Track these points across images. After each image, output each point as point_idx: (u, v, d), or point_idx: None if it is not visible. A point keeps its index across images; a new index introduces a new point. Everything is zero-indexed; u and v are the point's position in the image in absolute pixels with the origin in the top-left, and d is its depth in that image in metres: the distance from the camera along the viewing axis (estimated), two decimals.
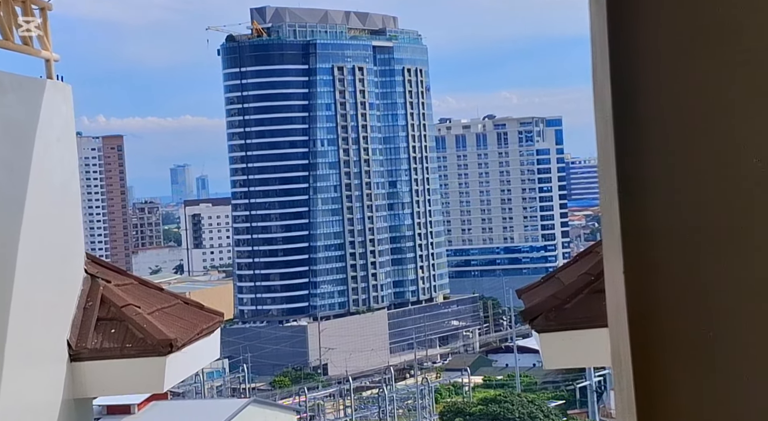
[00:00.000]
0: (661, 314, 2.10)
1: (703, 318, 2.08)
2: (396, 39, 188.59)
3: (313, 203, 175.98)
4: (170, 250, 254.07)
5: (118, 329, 8.10)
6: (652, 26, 2.13)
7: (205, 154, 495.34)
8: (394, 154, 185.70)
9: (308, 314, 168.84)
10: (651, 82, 2.12)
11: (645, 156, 2.13)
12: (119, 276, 9.00)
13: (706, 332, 2.08)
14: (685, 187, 2.10)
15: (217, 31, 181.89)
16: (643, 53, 2.13)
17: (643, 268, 2.11)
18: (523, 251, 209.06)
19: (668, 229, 2.11)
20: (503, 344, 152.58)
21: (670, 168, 2.11)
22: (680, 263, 2.09)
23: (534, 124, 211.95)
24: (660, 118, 2.12)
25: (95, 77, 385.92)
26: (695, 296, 2.08)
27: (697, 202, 2.09)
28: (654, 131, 2.13)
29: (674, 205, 2.11)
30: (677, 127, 2.11)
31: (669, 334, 2.10)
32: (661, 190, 2.11)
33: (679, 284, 2.09)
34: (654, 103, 2.12)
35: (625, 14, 2.14)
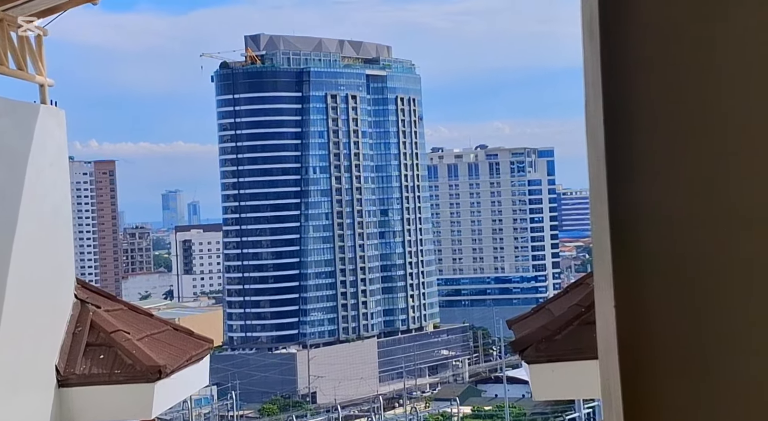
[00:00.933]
0: (651, 347, 2.10)
1: (693, 352, 2.08)
2: (389, 68, 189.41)
3: (305, 230, 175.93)
4: (160, 275, 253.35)
5: (107, 355, 8.08)
6: (645, 61, 2.14)
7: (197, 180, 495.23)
8: (386, 183, 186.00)
9: (298, 342, 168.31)
10: (643, 116, 2.13)
11: (637, 190, 2.13)
12: (109, 301, 8.99)
13: (696, 365, 2.08)
14: (677, 222, 2.10)
15: (211, 57, 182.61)
16: (635, 88, 2.14)
17: (634, 301, 2.11)
18: (513, 281, 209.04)
19: (660, 263, 2.10)
20: (493, 374, 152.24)
21: (661, 202, 2.11)
22: (671, 296, 2.10)
23: (526, 154, 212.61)
24: (652, 153, 2.12)
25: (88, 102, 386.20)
26: (686, 330, 2.09)
27: (688, 237, 2.09)
28: (646, 165, 2.13)
29: (666, 239, 2.10)
30: (669, 162, 2.11)
31: (659, 367, 2.10)
32: (652, 224, 2.12)
33: (670, 318, 2.10)
34: (646, 138, 2.13)
35: (618, 49, 2.15)
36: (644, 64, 2.13)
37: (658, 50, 2.13)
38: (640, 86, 2.14)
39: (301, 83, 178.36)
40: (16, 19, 8.48)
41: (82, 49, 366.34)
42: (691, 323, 2.08)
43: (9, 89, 8.41)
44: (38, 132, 8.22)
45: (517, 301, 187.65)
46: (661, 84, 2.12)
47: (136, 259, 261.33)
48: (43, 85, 8.80)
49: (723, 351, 2.06)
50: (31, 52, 8.72)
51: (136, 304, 10.21)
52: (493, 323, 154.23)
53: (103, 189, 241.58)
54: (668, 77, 2.12)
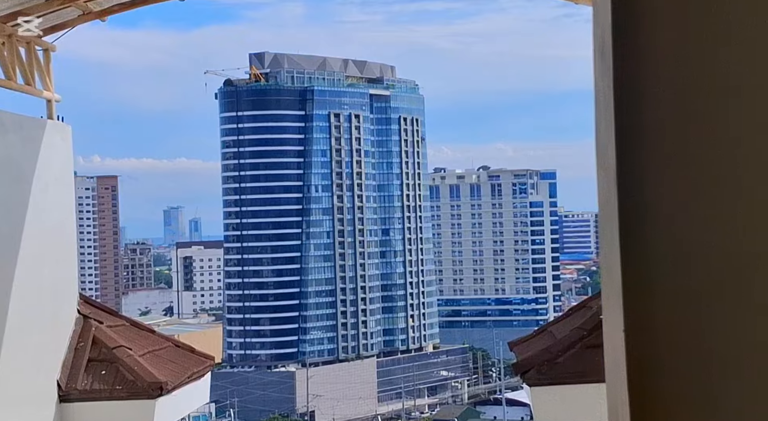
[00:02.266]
0: (661, 372, 2.09)
1: (704, 378, 2.06)
2: (393, 88, 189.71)
3: (306, 249, 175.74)
4: (161, 291, 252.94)
5: (109, 371, 8.07)
6: (658, 82, 2.14)
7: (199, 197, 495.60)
8: (387, 202, 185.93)
9: (297, 360, 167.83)
10: (656, 137, 2.13)
11: (649, 211, 2.12)
12: (111, 317, 8.98)
13: (707, 391, 2.06)
14: (689, 246, 2.09)
15: (216, 75, 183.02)
16: (648, 108, 2.15)
17: (644, 325, 2.10)
18: (514, 303, 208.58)
19: (671, 287, 2.10)
20: (492, 396, 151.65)
21: (674, 226, 2.11)
22: (682, 321, 2.09)
23: (528, 176, 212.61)
24: (665, 174, 2.12)
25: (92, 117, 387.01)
26: (697, 355, 2.07)
27: (700, 261, 2.08)
28: (657, 189, 2.13)
29: (677, 263, 2.10)
30: (681, 185, 2.11)
31: (669, 393, 2.08)
32: (664, 247, 2.11)
33: (681, 343, 2.08)
34: (658, 161, 2.13)
35: (630, 73, 2.16)
36: (657, 86, 2.14)
37: (669, 72, 2.13)
38: (652, 108, 2.14)
39: (304, 102, 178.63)
40: (25, 36, 8.52)
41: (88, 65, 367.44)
42: (702, 349, 2.07)
43: (17, 104, 8.45)
44: (45, 147, 8.25)
45: (518, 323, 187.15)
46: (673, 106, 2.13)
47: (137, 275, 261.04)
48: (50, 101, 8.83)
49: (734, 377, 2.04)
50: (39, 68, 8.77)
51: (138, 320, 10.21)
52: (493, 344, 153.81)
53: (105, 204, 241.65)
54: (679, 99, 2.13)
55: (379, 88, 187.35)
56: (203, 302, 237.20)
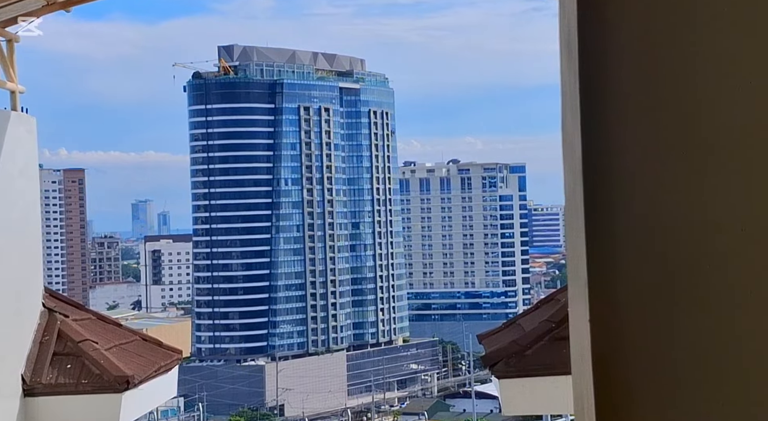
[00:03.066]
0: (625, 361, 2.11)
1: (667, 367, 2.09)
2: (363, 81, 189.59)
3: (275, 242, 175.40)
4: (129, 285, 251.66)
5: (75, 365, 8.00)
6: (624, 78, 2.17)
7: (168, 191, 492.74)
8: (357, 196, 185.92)
9: (266, 354, 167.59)
10: (621, 132, 2.16)
11: (614, 206, 2.15)
12: (77, 311, 8.90)
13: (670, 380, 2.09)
14: (654, 236, 2.12)
15: (184, 67, 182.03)
16: (613, 104, 2.18)
17: (609, 317, 2.12)
18: (483, 296, 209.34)
19: (635, 278, 2.12)
20: (461, 388, 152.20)
21: (638, 219, 2.14)
22: (647, 312, 2.11)
23: (498, 170, 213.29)
24: (630, 169, 2.15)
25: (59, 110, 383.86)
26: (660, 344, 2.10)
27: (665, 253, 2.11)
28: (624, 181, 2.15)
29: (642, 254, 2.12)
30: (647, 177, 2.13)
31: (633, 382, 2.11)
32: (629, 240, 2.13)
33: (645, 333, 2.10)
34: (624, 154, 2.15)
35: (596, 65, 2.19)
36: (622, 82, 2.17)
37: (635, 67, 2.16)
38: (618, 104, 2.17)
39: (274, 95, 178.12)
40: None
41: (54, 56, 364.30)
42: (665, 338, 2.10)
43: None
44: (8, 139, 8.15)
45: (487, 316, 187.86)
46: (640, 102, 2.16)
47: (105, 268, 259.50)
48: (14, 92, 8.73)
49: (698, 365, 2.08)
50: (2, 59, 8.66)
51: (104, 313, 10.12)
52: (462, 337, 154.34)
53: (72, 198, 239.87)
54: (645, 93, 2.15)
55: (349, 82, 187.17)
56: (172, 295, 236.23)
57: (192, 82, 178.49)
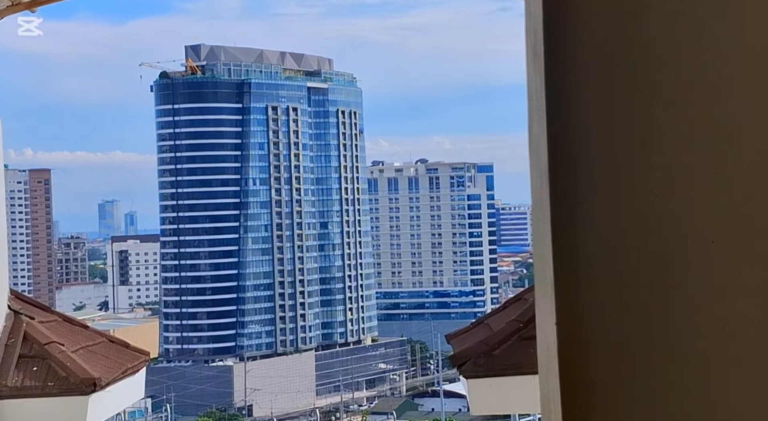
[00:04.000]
0: (591, 362, 2.14)
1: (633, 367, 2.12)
2: (331, 81, 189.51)
3: (243, 242, 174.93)
4: (95, 286, 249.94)
5: (41, 367, 7.94)
6: (589, 80, 2.19)
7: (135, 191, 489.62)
8: (326, 196, 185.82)
9: (234, 354, 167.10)
10: (586, 134, 2.19)
11: (579, 207, 2.18)
12: (43, 313, 8.84)
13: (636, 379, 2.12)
14: (619, 238, 2.15)
15: (151, 67, 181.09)
16: (579, 106, 2.19)
17: (575, 317, 2.15)
18: (452, 295, 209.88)
19: (601, 279, 2.15)
20: (430, 388, 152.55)
21: (603, 219, 2.16)
22: (612, 312, 2.13)
23: (466, 169, 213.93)
24: (595, 170, 2.18)
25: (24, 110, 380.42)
26: (626, 345, 2.13)
27: (629, 254, 2.14)
28: (589, 182, 2.18)
29: (607, 256, 2.15)
30: (611, 180, 2.17)
31: (599, 382, 2.14)
32: (594, 241, 2.16)
33: (611, 334, 2.13)
34: (589, 156, 2.18)
35: (562, 68, 2.20)
36: (588, 85, 2.20)
37: (600, 70, 2.19)
38: (583, 106, 2.20)
39: (241, 94, 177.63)
40: None
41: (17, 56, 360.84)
42: (631, 338, 2.13)
43: None
44: None
45: (455, 315, 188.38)
46: (604, 104, 2.19)
47: (71, 269, 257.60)
48: None
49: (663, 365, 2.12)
50: None
51: (70, 315, 10.06)
52: (431, 336, 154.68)
53: (37, 198, 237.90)
54: (611, 98, 2.18)
55: (317, 81, 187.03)
56: (139, 296, 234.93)
57: (159, 81, 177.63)
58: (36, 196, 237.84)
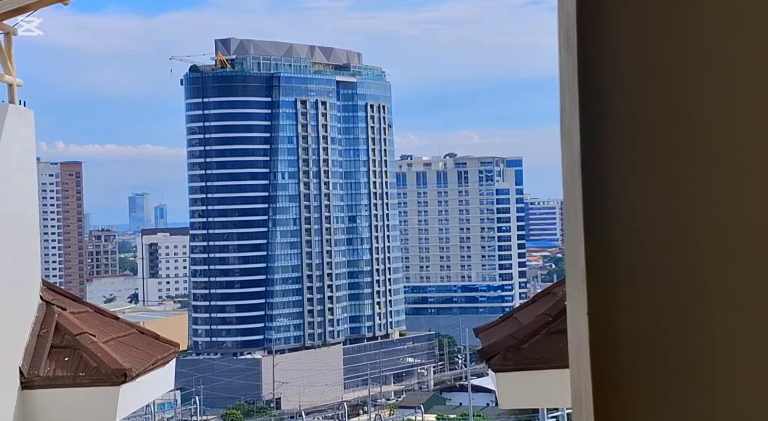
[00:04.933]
0: (623, 355, 2.11)
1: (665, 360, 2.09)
2: (360, 75, 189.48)
3: (272, 236, 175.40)
4: (125, 279, 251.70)
5: (72, 358, 8.01)
6: (622, 71, 2.17)
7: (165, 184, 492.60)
8: (354, 189, 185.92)
9: (263, 347, 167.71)
10: (620, 123, 2.16)
11: (612, 197, 2.15)
12: (75, 304, 8.91)
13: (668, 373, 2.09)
14: (651, 230, 2.13)
15: (181, 61, 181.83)
16: (612, 95, 2.17)
17: (607, 309, 2.12)
18: (480, 289, 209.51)
19: (633, 270, 2.13)
20: (458, 382, 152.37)
21: (636, 210, 2.14)
22: (644, 304, 2.11)
23: (494, 164, 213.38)
24: (628, 161, 2.15)
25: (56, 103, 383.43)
26: (658, 337, 2.10)
27: (661, 245, 2.12)
28: (622, 173, 2.16)
29: (639, 246, 2.13)
30: (645, 170, 2.14)
31: (631, 375, 2.11)
32: (626, 232, 2.14)
33: (643, 326, 2.11)
34: (622, 146, 2.16)
35: (595, 56, 2.19)
36: (621, 73, 2.17)
37: (634, 59, 2.16)
38: (616, 94, 2.17)
39: (271, 88, 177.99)
40: None
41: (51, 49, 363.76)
42: (663, 331, 2.10)
43: None
44: (6, 132, 8.15)
45: (484, 310, 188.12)
46: (638, 92, 2.15)
47: (102, 261, 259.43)
48: (12, 85, 8.73)
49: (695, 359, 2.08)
50: (0, 52, 8.66)
51: (102, 306, 10.14)
52: (459, 331, 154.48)
53: (69, 191, 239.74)
54: (646, 85, 2.15)
55: (346, 75, 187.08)
56: (168, 289, 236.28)
57: (189, 75, 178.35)
58: (67, 189, 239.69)
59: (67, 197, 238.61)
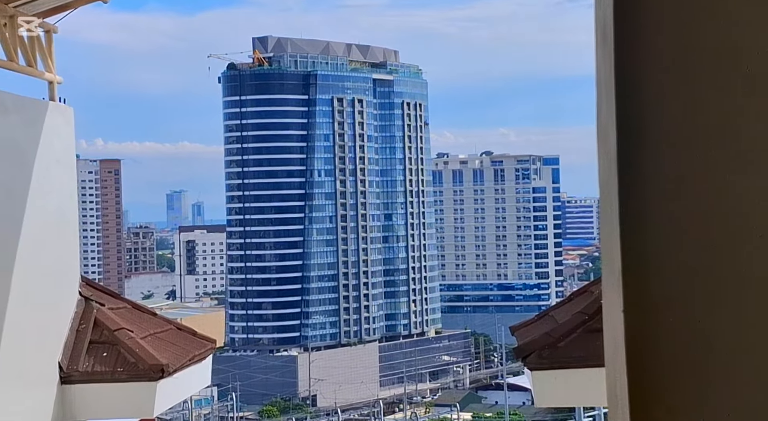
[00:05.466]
0: (660, 353, 2.10)
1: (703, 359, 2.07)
2: (396, 73, 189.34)
3: (308, 233, 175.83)
4: (163, 275, 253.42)
5: (110, 353, 8.08)
6: (659, 69, 2.15)
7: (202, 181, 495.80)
8: (390, 187, 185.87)
9: (299, 344, 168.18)
10: (657, 120, 2.15)
11: (649, 194, 2.14)
12: (113, 300, 8.99)
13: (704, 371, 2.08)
14: (687, 228, 2.11)
15: (219, 59, 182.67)
16: (649, 91, 2.16)
17: (643, 306, 2.11)
18: (516, 288, 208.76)
19: (669, 268, 2.11)
20: (493, 380, 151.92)
21: (672, 208, 2.13)
22: (680, 302, 2.10)
23: (531, 162, 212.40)
24: (665, 158, 2.14)
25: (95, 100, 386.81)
26: (694, 336, 2.08)
27: (698, 243, 2.10)
28: (657, 171, 2.14)
29: (676, 244, 2.11)
30: (682, 168, 2.13)
31: (667, 374, 2.09)
32: (663, 230, 2.13)
33: (679, 323, 2.09)
34: (658, 144, 2.15)
35: (632, 57, 2.17)
36: (658, 70, 2.16)
37: (672, 56, 2.15)
38: (653, 91, 2.16)
39: (307, 86, 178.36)
40: (26, 17, 8.50)
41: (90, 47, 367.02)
42: (699, 329, 2.08)
43: (18, 86, 8.44)
44: (46, 129, 8.23)
45: (520, 308, 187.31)
46: (675, 89, 2.15)
47: (140, 258, 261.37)
48: (52, 83, 8.81)
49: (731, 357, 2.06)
50: (41, 50, 8.74)
51: (140, 303, 10.21)
52: (494, 329, 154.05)
53: (108, 188, 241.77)
54: (682, 82, 2.14)
55: (383, 73, 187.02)
56: (206, 285, 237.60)
57: (226, 73, 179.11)
58: (106, 186, 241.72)
59: (106, 194, 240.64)
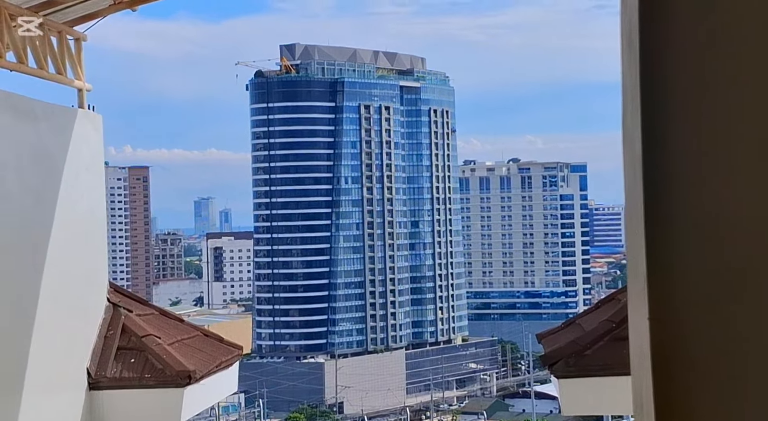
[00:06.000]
0: (685, 361, 2.07)
1: (729, 367, 2.05)
2: (423, 80, 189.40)
3: (335, 240, 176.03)
4: (191, 282, 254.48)
5: (138, 359, 8.12)
6: (684, 75, 2.15)
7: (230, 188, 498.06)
8: (417, 194, 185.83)
9: (326, 351, 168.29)
10: (682, 127, 2.15)
11: (674, 200, 2.13)
12: (141, 306, 9.04)
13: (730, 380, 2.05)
14: (713, 236, 2.09)
15: (246, 66, 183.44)
16: (674, 98, 2.15)
17: (668, 315, 2.09)
18: (543, 295, 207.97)
19: (695, 276, 2.09)
20: (521, 388, 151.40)
21: (698, 215, 2.12)
22: (707, 310, 2.07)
23: (558, 169, 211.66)
24: (690, 166, 2.13)
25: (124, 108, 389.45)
26: (720, 344, 2.06)
27: (724, 249, 2.08)
28: (683, 179, 2.14)
29: (701, 253, 2.10)
30: (706, 176, 2.12)
31: (693, 382, 2.07)
32: (688, 237, 2.11)
33: (705, 332, 2.07)
34: (684, 151, 2.14)
35: (657, 63, 2.16)
36: (683, 77, 2.15)
37: (697, 62, 2.14)
38: (679, 98, 2.15)
39: (335, 93, 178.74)
40: (56, 25, 8.58)
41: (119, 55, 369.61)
42: (726, 338, 2.05)
43: (48, 93, 8.51)
44: (75, 136, 8.30)
45: (547, 316, 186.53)
46: (701, 96, 2.13)
47: (168, 265, 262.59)
48: (82, 90, 8.88)
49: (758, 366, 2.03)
50: (71, 57, 8.81)
51: (167, 309, 10.26)
52: (522, 337, 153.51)
53: (136, 195, 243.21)
54: (708, 89, 2.13)
55: (410, 80, 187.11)
56: (233, 292, 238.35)
57: (254, 80, 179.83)
58: (135, 192, 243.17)
59: (134, 201, 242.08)
